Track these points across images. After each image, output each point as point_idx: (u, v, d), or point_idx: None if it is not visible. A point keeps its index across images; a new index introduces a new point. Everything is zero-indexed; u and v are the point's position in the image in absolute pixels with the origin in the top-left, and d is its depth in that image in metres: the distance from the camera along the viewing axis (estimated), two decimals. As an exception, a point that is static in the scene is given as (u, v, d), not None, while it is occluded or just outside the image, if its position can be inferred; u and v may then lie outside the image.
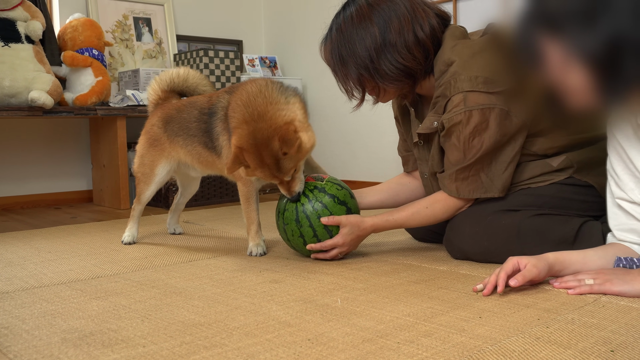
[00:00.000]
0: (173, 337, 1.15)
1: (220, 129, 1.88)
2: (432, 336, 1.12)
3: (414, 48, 1.66)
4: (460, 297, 1.38)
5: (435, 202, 1.74)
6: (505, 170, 1.66)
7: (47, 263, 1.87)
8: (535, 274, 1.39)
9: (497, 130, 1.61)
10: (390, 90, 1.73)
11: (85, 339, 1.15)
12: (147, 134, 2.14)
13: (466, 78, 1.60)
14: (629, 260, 1.42)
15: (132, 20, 3.82)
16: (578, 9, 1.15)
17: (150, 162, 2.11)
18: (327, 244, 1.75)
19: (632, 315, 1.22)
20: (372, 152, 3.69)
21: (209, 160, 1.99)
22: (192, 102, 2.05)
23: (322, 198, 1.75)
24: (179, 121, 2.04)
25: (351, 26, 1.68)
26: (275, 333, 1.16)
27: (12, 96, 2.92)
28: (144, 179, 2.13)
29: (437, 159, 1.76)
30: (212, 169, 2.05)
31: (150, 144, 2.11)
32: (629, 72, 1.13)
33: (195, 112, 2.00)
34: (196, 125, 1.98)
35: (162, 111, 2.12)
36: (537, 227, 1.64)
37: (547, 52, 1.21)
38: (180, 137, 2.03)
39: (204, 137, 1.95)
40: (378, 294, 1.42)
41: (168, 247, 2.11)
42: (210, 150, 1.95)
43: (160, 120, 2.10)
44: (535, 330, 1.14)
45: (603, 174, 1.59)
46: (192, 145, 2.00)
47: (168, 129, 2.07)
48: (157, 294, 1.48)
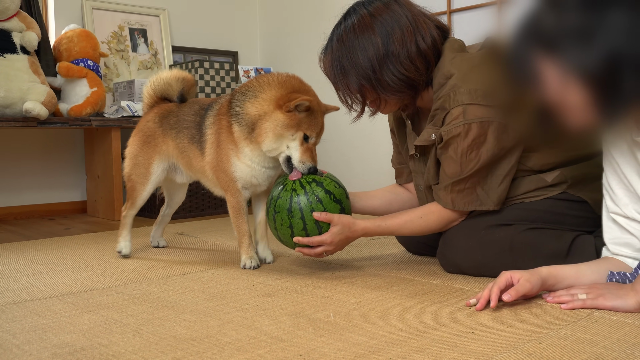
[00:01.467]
0: (164, 352, 1.14)
1: (210, 122, 1.89)
2: (424, 352, 1.12)
3: (416, 59, 1.66)
4: (453, 312, 1.38)
5: (430, 212, 1.74)
6: (501, 183, 1.67)
7: (40, 275, 1.86)
8: (528, 288, 1.39)
9: (495, 144, 1.61)
10: (392, 101, 1.73)
11: (76, 354, 1.15)
12: (141, 132, 2.10)
13: (465, 91, 1.61)
14: (622, 274, 1.42)
15: (127, 31, 3.82)
16: (574, 27, 1.15)
17: (145, 161, 2.07)
18: (315, 240, 1.72)
19: (624, 330, 1.22)
20: (367, 163, 3.70)
21: (189, 155, 1.97)
22: (198, 100, 2.07)
23: (319, 192, 1.72)
24: (177, 114, 2.03)
25: (353, 36, 1.67)
26: (267, 348, 1.15)
27: (7, 107, 2.92)
28: (139, 180, 2.07)
29: (433, 172, 1.76)
30: (191, 168, 2.02)
31: (144, 141, 2.08)
32: (627, 90, 1.13)
33: (197, 106, 2.01)
34: (192, 119, 1.98)
35: (161, 108, 2.11)
36: (530, 241, 1.64)
37: (543, 71, 1.21)
38: (174, 129, 2.01)
39: (193, 129, 1.95)
40: (371, 308, 1.42)
41: (161, 259, 2.11)
42: (193, 144, 1.95)
43: (157, 115, 2.09)
44: (527, 345, 1.14)
45: (597, 189, 1.59)
46: (181, 138, 1.99)
47: (164, 122, 2.05)
48: (149, 307, 1.47)
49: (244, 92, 1.82)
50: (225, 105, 1.88)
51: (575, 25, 1.15)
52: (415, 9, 1.71)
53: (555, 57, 1.19)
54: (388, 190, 2.06)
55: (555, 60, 1.19)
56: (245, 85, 1.85)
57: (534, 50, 1.22)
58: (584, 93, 1.18)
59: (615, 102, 1.17)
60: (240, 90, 1.85)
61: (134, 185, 2.08)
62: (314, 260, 2.01)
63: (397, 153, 2.06)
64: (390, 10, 1.67)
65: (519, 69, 1.26)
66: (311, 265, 1.93)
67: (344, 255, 2.07)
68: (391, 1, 1.69)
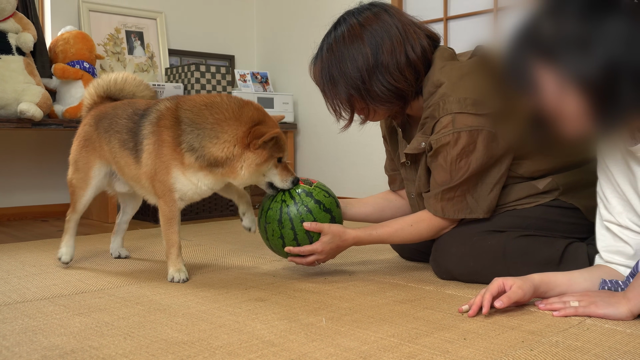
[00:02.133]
0: (155, 355, 1.14)
1: (148, 132, 1.78)
2: (415, 358, 1.12)
3: (406, 69, 1.66)
4: (445, 318, 1.38)
5: (421, 220, 1.74)
6: (491, 191, 1.67)
7: (31, 277, 1.85)
8: (520, 295, 1.39)
9: (484, 152, 1.62)
10: (380, 111, 1.73)
11: (66, 356, 1.14)
12: (80, 136, 2.02)
13: (455, 100, 1.61)
14: (614, 282, 1.42)
15: (124, 34, 3.82)
16: (572, 35, 1.16)
17: (84, 165, 1.98)
18: (306, 250, 1.72)
19: (616, 338, 1.22)
20: (361, 169, 3.70)
21: (121, 162, 1.88)
22: (132, 102, 1.95)
23: (308, 202, 1.73)
24: (111, 117, 1.92)
25: (342, 46, 1.68)
26: (258, 352, 1.15)
27: (1, 107, 2.91)
28: (80, 185, 1.99)
29: (424, 180, 1.76)
30: (124, 175, 1.93)
31: (83, 145, 1.99)
32: (625, 99, 1.14)
33: (130, 110, 1.89)
34: (124, 123, 1.87)
35: (97, 110, 2.01)
36: (523, 247, 1.64)
37: (540, 79, 1.22)
38: (108, 133, 1.91)
39: (126, 134, 1.85)
40: (363, 314, 1.42)
41: (154, 262, 2.10)
42: (125, 151, 1.85)
43: (93, 118, 1.98)
44: (519, 352, 1.14)
45: (589, 196, 1.60)
46: (113, 143, 1.89)
47: (100, 125, 1.95)
48: (141, 310, 1.46)
49: (197, 125, 1.71)
50: (168, 117, 1.76)
51: (574, 34, 1.16)
52: (406, 18, 1.71)
53: (553, 64, 1.19)
54: (381, 197, 2.06)
55: (553, 68, 1.19)
56: (194, 112, 1.73)
57: (532, 57, 1.22)
58: (581, 101, 1.18)
59: (613, 111, 1.17)
60: (191, 119, 1.72)
61: (74, 190, 2.01)
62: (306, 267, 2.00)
63: (389, 160, 2.06)
64: (380, 21, 1.67)
65: (515, 76, 1.27)
66: (304, 271, 1.93)
67: (337, 261, 2.07)
68: (381, 11, 1.69)
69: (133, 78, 2.06)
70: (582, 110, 1.19)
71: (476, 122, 1.60)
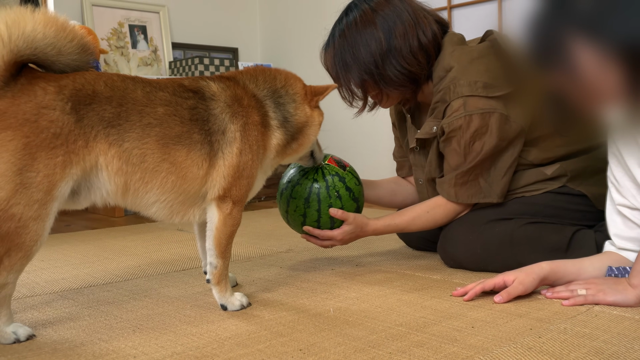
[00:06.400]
0: (164, 347, 1.15)
1: (230, 116, 1.37)
2: (424, 346, 1.12)
3: (418, 53, 1.67)
4: (453, 307, 1.38)
5: (436, 206, 1.73)
6: (504, 176, 1.67)
7: (40, 272, 1.86)
8: (521, 290, 1.40)
9: (497, 135, 1.61)
10: (393, 95, 1.74)
11: (76, 349, 1.15)
12: (28, 128, 1.14)
13: (465, 83, 1.61)
14: (622, 269, 1.41)
15: (127, 28, 3.82)
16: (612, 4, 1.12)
17: (44, 180, 1.16)
18: (326, 235, 1.71)
19: (624, 324, 1.22)
20: (368, 158, 3.69)
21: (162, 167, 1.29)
22: (143, 80, 1.34)
23: (340, 189, 1.70)
24: (119, 102, 1.25)
25: (355, 31, 1.68)
26: (267, 343, 1.15)
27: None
28: (32, 213, 1.15)
29: (435, 165, 1.76)
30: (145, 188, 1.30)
31: (39, 145, 1.15)
32: None
33: (162, 93, 1.32)
34: (169, 111, 1.30)
35: (70, 81, 1.21)
36: (530, 234, 1.64)
37: (576, 53, 1.17)
38: (117, 127, 1.24)
39: (179, 126, 1.30)
40: (371, 304, 1.42)
41: (161, 255, 2.11)
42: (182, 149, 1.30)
43: (66, 99, 1.19)
44: (527, 340, 1.14)
45: (596, 183, 1.59)
46: (141, 141, 1.26)
47: (89, 114, 1.21)
48: (149, 303, 1.47)
49: (275, 94, 1.48)
50: (244, 95, 1.42)
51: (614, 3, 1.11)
52: (415, 3, 1.72)
53: (593, 36, 1.14)
54: (392, 181, 2.07)
55: (592, 40, 1.14)
56: (264, 81, 1.49)
57: (568, 31, 1.16)
58: (619, 75, 1.13)
59: None
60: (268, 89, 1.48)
61: (21, 225, 1.14)
62: (314, 257, 2.01)
63: (398, 146, 2.07)
64: (392, 5, 1.67)
65: (547, 52, 1.20)
66: (311, 261, 1.93)
67: (344, 251, 2.07)
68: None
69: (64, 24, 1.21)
70: (618, 85, 1.16)
71: (488, 105, 1.60)
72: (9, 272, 1.15)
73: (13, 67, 1.15)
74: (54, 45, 1.19)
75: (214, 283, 1.41)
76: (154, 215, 1.38)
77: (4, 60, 1.13)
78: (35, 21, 1.14)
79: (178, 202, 1.36)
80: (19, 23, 1.12)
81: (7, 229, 1.13)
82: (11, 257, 1.15)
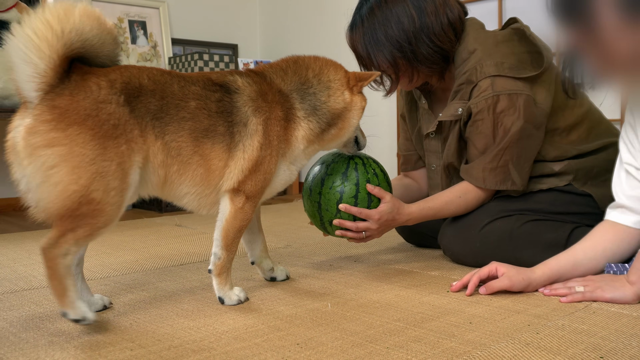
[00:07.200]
0: (161, 340, 1.14)
1: (253, 109, 1.38)
2: (421, 341, 1.12)
3: (448, 30, 1.67)
4: (451, 303, 1.37)
5: (467, 191, 1.70)
6: (530, 166, 1.67)
7: (37, 265, 1.86)
8: (507, 285, 1.41)
9: (524, 117, 1.60)
10: (423, 73, 1.72)
11: (73, 342, 1.14)
12: (91, 122, 1.17)
13: (492, 63, 1.62)
14: (620, 267, 1.41)
15: (127, 23, 3.81)
16: None
17: (118, 168, 1.20)
18: (364, 213, 1.59)
19: (622, 321, 1.22)
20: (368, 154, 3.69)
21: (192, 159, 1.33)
22: (177, 74, 1.37)
23: (376, 168, 1.66)
24: (161, 95, 1.29)
25: (386, 8, 1.66)
26: (264, 337, 1.15)
27: (6, 98, 2.91)
28: (109, 199, 1.19)
29: (454, 149, 1.74)
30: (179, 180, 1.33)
31: (104, 135, 1.19)
32: None
33: (194, 87, 1.35)
34: (199, 104, 1.33)
35: (118, 75, 1.25)
36: (530, 230, 1.64)
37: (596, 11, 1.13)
38: (160, 119, 1.28)
39: (208, 119, 1.33)
40: (368, 299, 1.42)
41: (159, 250, 2.10)
42: (207, 142, 1.33)
43: (119, 92, 1.23)
44: (525, 336, 1.14)
45: (602, 184, 1.59)
46: (178, 134, 1.30)
47: (139, 106, 1.25)
48: (147, 297, 1.47)
49: (304, 85, 1.48)
50: (269, 90, 1.43)
51: None
52: None
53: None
54: (398, 185, 2.02)
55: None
56: (292, 73, 1.49)
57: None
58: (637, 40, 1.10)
59: None
60: (295, 82, 1.48)
61: (99, 209, 1.18)
62: (312, 252, 2.00)
63: (405, 140, 2.04)
64: None
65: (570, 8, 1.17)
66: (309, 256, 1.93)
67: (343, 247, 2.07)
68: None
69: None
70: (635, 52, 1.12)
71: (515, 86, 1.60)
72: (70, 245, 1.17)
73: (65, 62, 1.17)
74: (99, 37, 1.21)
75: (215, 274, 1.41)
76: (185, 206, 1.42)
77: (59, 55, 1.14)
78: (81, 13, 1.16)
79: (205, 194, 1.38)
80: (68, 16, 1.14)
81: (86, 210, 1.17)
82: (77, 232, 1.18)
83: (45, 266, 1.17)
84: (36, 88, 1.15)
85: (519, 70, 1.61)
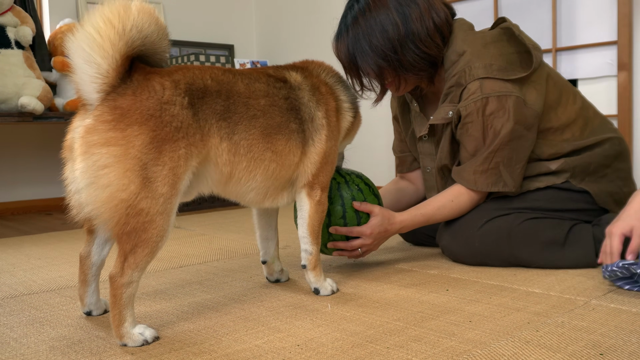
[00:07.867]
0: (162, 343, 1.14)
1: (315, 103, 1.44)
2: (421, 341, 1.12)
3: (435, 35, 1.65)
4: (450, 301, 1.38)
5: (459, 195, 1.70)
6: (522, 166, 1.67)
7: (37, 270, 1.86)
8: None
9: (514, 118, 1.60)
10: (410, 80, 1.71)
11: (74, 346, 1.15)
12: (153, 122, 1.14)
13: (481, 65, 1.61)
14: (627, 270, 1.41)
15: (123, 25, 3.81)
16: None
17: (170, 173, 1.15)
18: (355, 230, 1.61)
19: (621, 318, 1.22)
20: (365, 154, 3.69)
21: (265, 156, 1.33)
22: (238, 72, 1.37)
23: (359, 183, 1.67)
24: (227, 95, 1.28)
25: (369, 17, 1.64)
26: (264, 339, 1.15)
27: (2, 102, 2.91)
28: (159, 208, 1.14)
29: (447, 152, 1.74)
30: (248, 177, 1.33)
31: (164, 138, 1.15)
32: None
33: (259, 84, 1.36)
34: (269, 102, 1.35)
35: (181, 76, 1.23)
36: (528, 228, 1.64)
37: None
38: (227, 121, 1.27)
39: (279, 116, 1.35)
40: (368, 299, 1.42)
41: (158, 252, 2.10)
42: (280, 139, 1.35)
43: (183, 94, 1.20)
44: (525, 334, 1.14)
45: (598, 180, 1.59)
46: (249, 132, 1.30)
47: (204, 108, 1.23)
48: (147, 300, 1.47)
49: (339, 79, 1.57)
50: (320, 82, 1.50)
51: None
52: None
53: None
54: (393, 188, 2.02)
55: None
56: (327, 69, 1.57)
57: None
58: None
59: None
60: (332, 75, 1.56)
61: (149, 220, 1.14)
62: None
63: (399, 141, 2.04)
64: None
65: None
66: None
67: (342, 247, 2.07)
68: None
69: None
70: None
71: (504, 88, 1.59)
72: (133, 270, 1.14)
73: (127, 62, 1.14)
74: (157, 33, 1.18)
75: (310, 268, 1.47)
76: (248, 200, 1.41)
77: (121, 54, 1.11)
78: (138, 9, 1.13)
79: (273, 187, 1.41)
80: (128, 13, 1.11)
81: (135, 224, 1.12)
82: (136, 254, 1.14)
83: (110, 294, 1.15)
84: (98, 89, 1.12)
85: (508, 72, 1.60)
